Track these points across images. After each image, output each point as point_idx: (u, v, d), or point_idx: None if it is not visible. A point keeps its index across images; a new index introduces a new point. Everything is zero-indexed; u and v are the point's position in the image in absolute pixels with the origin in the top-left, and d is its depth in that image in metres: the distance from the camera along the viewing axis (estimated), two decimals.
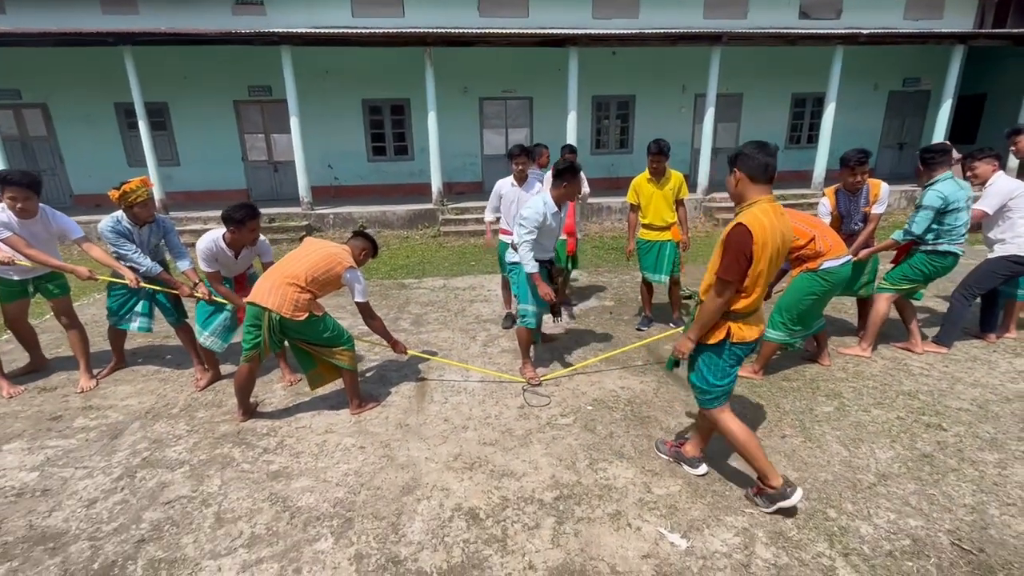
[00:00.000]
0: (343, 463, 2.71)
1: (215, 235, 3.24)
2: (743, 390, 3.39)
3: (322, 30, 9.41)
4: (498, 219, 4.54)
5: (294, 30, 9.18)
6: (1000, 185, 3.67)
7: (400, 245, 8.73)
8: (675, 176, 4.30)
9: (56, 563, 2.08)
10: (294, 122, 9.40)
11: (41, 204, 3.37)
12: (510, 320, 4.70)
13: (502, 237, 4.47)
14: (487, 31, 9.62)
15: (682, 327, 4.62)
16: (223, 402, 3.40)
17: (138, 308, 3.65)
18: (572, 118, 9.85)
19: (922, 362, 3.75)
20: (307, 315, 2.94)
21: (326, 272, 2.97)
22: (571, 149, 5.14)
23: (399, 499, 2.43)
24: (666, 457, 2.68)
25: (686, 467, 2.58)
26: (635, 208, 4.42)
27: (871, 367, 3.69)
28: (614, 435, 2.92)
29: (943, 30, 10.97)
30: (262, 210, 3.59)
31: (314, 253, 3.02)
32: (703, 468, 2.56)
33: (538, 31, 9.83)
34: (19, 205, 3.20)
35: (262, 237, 3.44)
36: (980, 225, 3.84)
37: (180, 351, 4.06)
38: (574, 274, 4.78)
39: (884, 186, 3.78)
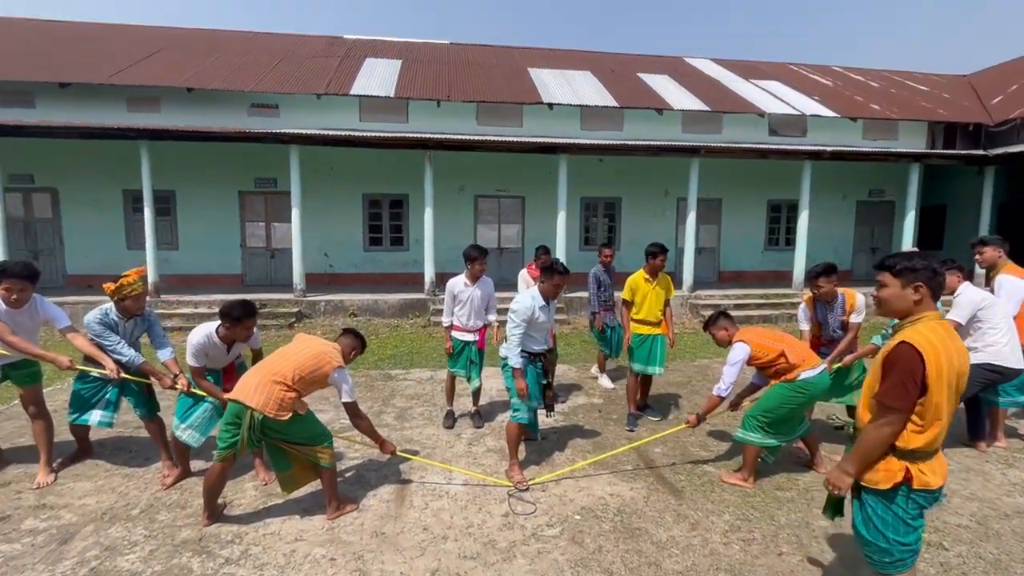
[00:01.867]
0: None
1: (208, 329, 3.23)
2: (736, 498, 3.26)
3: (330, 132, 10.13)
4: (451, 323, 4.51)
5: (304, 131, 9.87)
6: (969, 296, 3.81)
7: (389, 334, 8.72)
8: (665, 278, 4.62)
9: None
10: (295, 213, 9.79)
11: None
12: (450, 419, 4.58)
13: (455, 335, 4.48)
14: (483, 138, 10.42)
15: (651, 417, 4.69)
16: (188, 503, 3.19)
17: (107, 397, 3.53)
18: (562, 217, 10.37)
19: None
20: (291, 415, 2.88)
21: (313, 371, 2.95)
22: (545, 250, 5.48)
23: None
24: None
25: None
26: (628, 304, 4.61)
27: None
28: (603, 549, 2.75)
29: (898, 150, 12.06)
30: (255, 296, 3.64)
31: (303, 351, 3.01)
32: None
33: (531, 139, 10.67)
34: (14, 296, 3.23)
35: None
36: None
37: (148, 444, 3.87)
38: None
39: (860, 297, 3.95)
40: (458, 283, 4.45)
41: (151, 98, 11.36)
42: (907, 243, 11.36)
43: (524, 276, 5.49)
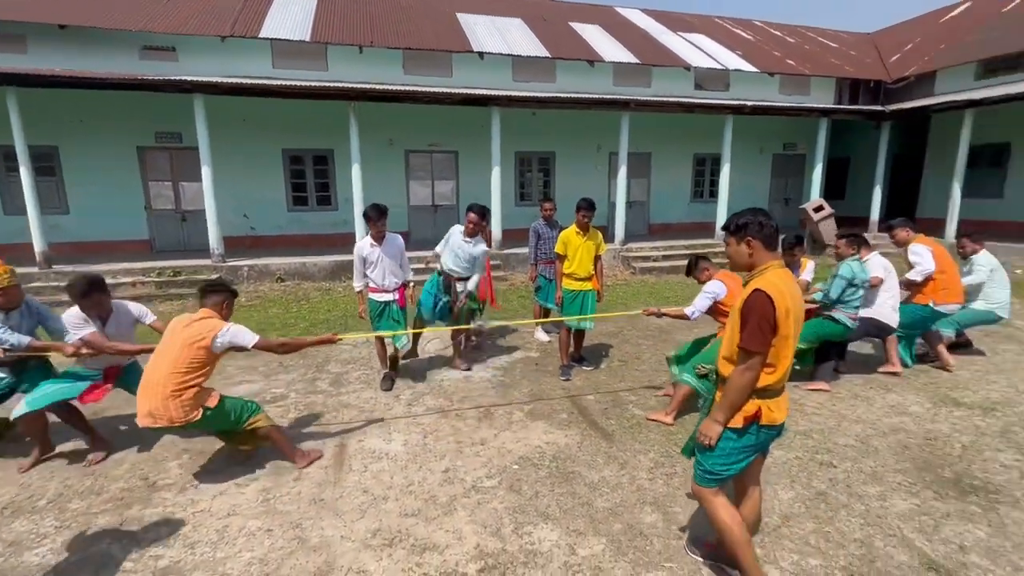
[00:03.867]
0: (246, 551, 2.46)
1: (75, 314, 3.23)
2: (661, 437, 3.52)
3: (240, 80, 9.22)
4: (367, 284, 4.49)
5: (209, 79, 8.91)
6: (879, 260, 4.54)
7: (321, 298, 8.40)
8: (597, 234, 4.72)
9: None
10: (205, 171, 8.95)
11: None
12: (388, 381, 4.57)
13: (372, 296, 4.47)
14: (411, 89, 9.91)
15: (585, 367, 4.95)
16: (104, 488, 3.00)
17: None
18: (496, 172, 10.22)
19: (814, 402, 4.12)
20: (202, 411, 2.88)
21: (194, 359, 2.86)
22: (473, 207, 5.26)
23: None
24: (701, 559, 2.34)
25: (728, 569, 2.25)
26: (561, 258, 4.68)
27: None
28: (539, 495, 2.90)
29: (810, 105, 12.79)
30: (167, 263, 3.45)
31: (172, 348, 2.87)
32: None
33: (461, 91, 10.27)
34: None
35: (123, 302, 3.47)
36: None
37: (53, 429, 3.55)
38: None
39: (810, 262, 4.73)
40: (364, 245, 4.40)
41: (15, 36, 9.74)
42: (815, 193, 12.26)
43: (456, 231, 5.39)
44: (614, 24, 14.86)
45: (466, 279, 4.84)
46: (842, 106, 13.54)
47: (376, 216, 4.29)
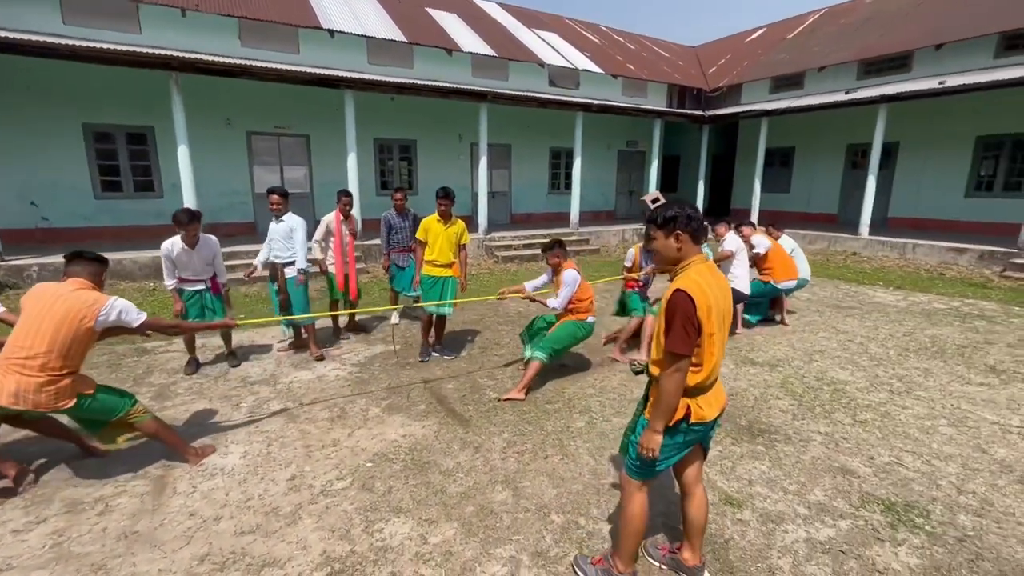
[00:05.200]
0: None
1: None
2: (514, 417, 3.69)
3: (18, 35, 7.43)
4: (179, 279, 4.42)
5: None
6: (733, 239, 5.69)
7: (143, 300, 7.23)
8: (459, 223, 4.82)
9: None
10: None
11: None
12: (192, 366, 4.60)
13: (184, 288, 4.43)
14: (250, 63, 8.90)
15: (446, 356, 5.05)
16: None
17: None
18: (352, 159, 9.71)
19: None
20: (76, 400, 2.66)
21: (75, 339, 2.62)
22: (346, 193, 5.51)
23: None
24: (659, 564, 2.32)
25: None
26: (422, 244, 4.76)
27: (612, 381, 4.42)
28: (393, 490, 2.85)
29: (647, 106, 14.27)
30: None
31: (47, 323, 2.57)
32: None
33: (309, 70, 9.51)
34: None
35: None
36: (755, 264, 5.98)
37: None
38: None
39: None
40: (173, 246, 4.23)
41: None
42: (653, 186, 13.77)
43: (328, 220, 5.41)
44: (471, 15, 14.94)
45: (291, 263, 4.82)
46: (672, 109, 15.33)
47: (187, 220, 4.14)
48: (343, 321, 5.88)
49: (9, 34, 7.51)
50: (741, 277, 5.55)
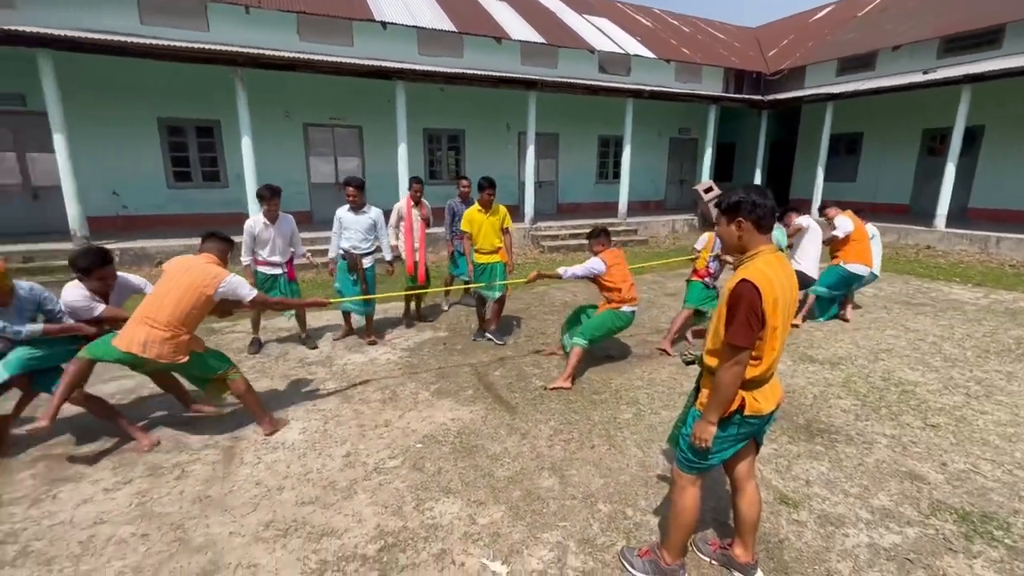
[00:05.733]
0: (116, 560, 2.25)
1: (80, 287, 3.16)
2: (561, 406, 3.70)
3: (97, 36, 8.02)
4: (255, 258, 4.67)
5: (57, 31, 7.67)
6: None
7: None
8: (501, 209, 4.98)
9: None
10: (59, 140, 7.77)
11: None
12: (256, 346, 4.90)
13: (261, 269, 4.67)
14: (309, 57, 9.22)
15: (496, 340, 5.12)
16: None
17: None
18: (403, 149, 9.90)
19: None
20: (189, 356, 3.00)
21: (196, 303, 2.97)
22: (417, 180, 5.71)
23: None
24: (708, 559, 2.28)
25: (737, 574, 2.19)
26: (468, 236, 4.96)
27: (661, 373, 4.34)
28: (442, 471, 2.93)
29: (701, 92, 13.74)
30: (16, 247, 3.16)
31: (178, 287, 2.96)
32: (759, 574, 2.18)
33: (364, 62, 9.75)
34: None
35: (124, 275, 3.41)
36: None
37: None
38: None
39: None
40: (256, 223, 4.55)
41: None
42: (706, 175, 13.29)
43: (400, 207, 5.59)
44: (521, 2, 14.82)
45: (370, 253, 4.99)
46: (729, 94, 14.69)
47: (269, 195, 4.47)
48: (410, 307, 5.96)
49: (91, 35, 8.11)
50: (810, 259, 5.36)
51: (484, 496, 2.70)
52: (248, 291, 3.15)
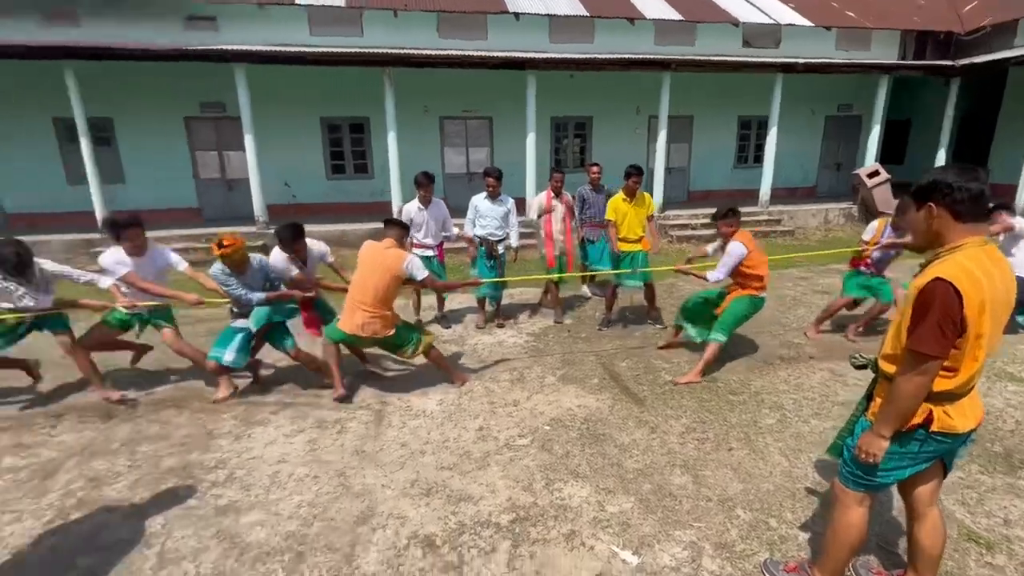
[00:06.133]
0: (296, 494, 2.65)
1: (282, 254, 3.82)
2: (694, 403, 3.52)
3: (278, 49, 9.32)
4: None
5: (248, 47, 9.05)
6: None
7: None
8: (645, 196, 4.98)
9: None
10: (248, 140, 9.21)
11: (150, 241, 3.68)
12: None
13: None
14: (446, 53, 9.76)
15: (657, 325, 5.07)
16: (168, 435, 3.26)
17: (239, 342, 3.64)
18: (531, 139, 10.07)
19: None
20: (394, 330, 3.58)
21: (390, 284, 3.51)
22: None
23: (353, 529, 2.39)
24: None
25: None
26: (613, 224, 4.93)
27: (811, 379, 3.91)
28: (570, 454, 2.97)
29: (871, 61, 11.88)
30: (216, 229, 3.77)
31: (374, 272, 3.50)
32: None
33: (497, 54, 10.05)
34: (135, 245, 3.52)
35: (311, 245, 3.99)
36: None
37: (129, 381, 3.88)
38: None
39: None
40: (412, 208, 4.95)
41: (67, 9, 10.10)
42: (871, 158, 11.54)
43: (540, 198, 5.65)
44: None
45: (504, 239, 5.19)
46: (907, 62, 12.51)
47: (425, 182, 4.87)
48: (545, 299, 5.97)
49: (275, 47, 9.43)
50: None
51: (613, 485, 2.68)
52: (422, 272, 3.60)
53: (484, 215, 5.10)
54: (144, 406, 3.65)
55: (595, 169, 5.72)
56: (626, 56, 10.53)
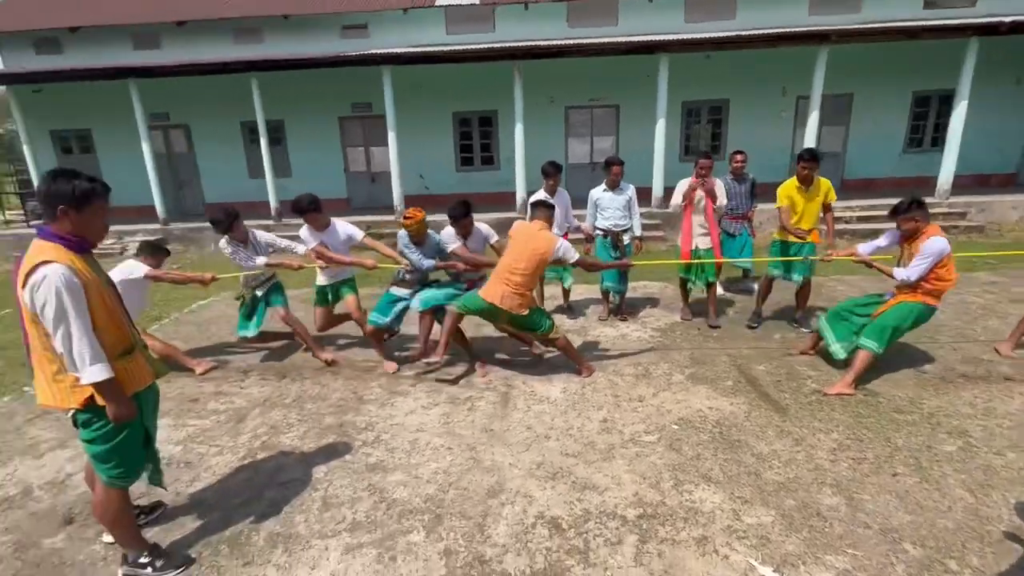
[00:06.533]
0: (432, 461, 2.88)
1: (451, 230, 4.18)
2: (848, 418, 3.14)
3: (418, 49, 10.01)
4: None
5: (393, 50, 9.85)
6: None
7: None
8: (824, 183, 4.45)
9: (195, 527, 2.43)
10: (391, 136, 10.07)
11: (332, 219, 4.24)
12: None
13: None
14: (575, 42, 9.70)
15: (803, 329, 4.67)
16: (327, 396, 3.74)
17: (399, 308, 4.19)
18: (660, 125, 9.64)
19: (969, 393, 3.26)
20: (528, 311, 3.69)
21: (539, 265, 3.69)
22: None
23: (485, 501, 2.54)
24: None
25: None
26: (785, 211, 4.54)
27: (1007, 404, 3.26)
28: (701, 457, 2.83)
29: None
30: (360, 218, 4.18)
31: (525, 250, 3.66)
32: None
33: (627, 39, 9.75)
34: (320, 222, 4.12)
35: (479, 226, 4.24)
36: None
37: (282, 353, 4.52)
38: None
39: None
40: (538, 198, 4.89)
41: (253, 29, 11.86)
42: None
43: (684, 184, 5.06)
44: None
45: (628, 229, 5.05)
46: None
47: (553, 171, 4.92)
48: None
49: (414, 49, 10.13)
50: None
51: (750, 495, 2.50)
52: (574, 254, 3.74)
53: (605, 207, 4.99)
54: (308, 369, 4.22)
55: (739, 158, 5.37)
56: (774, 31, 9.54)
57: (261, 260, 4.19)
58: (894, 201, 3.50)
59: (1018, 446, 2.82)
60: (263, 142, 10.30)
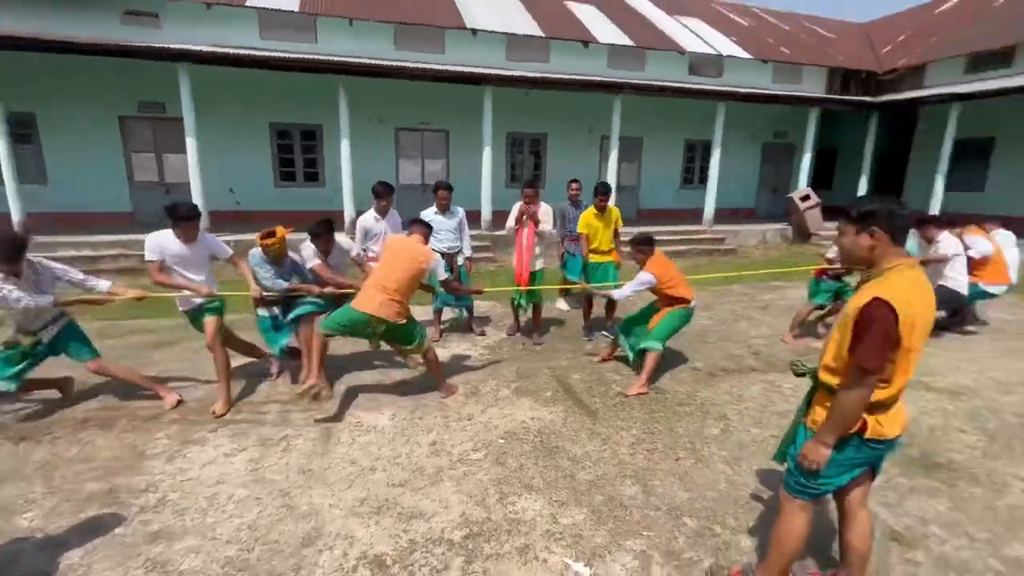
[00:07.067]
0: (236, 517, 2.50)
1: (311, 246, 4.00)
2: (643, 415, 3.62)
3: (226, 50, 8.98)
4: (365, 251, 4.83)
5: (192, 47, 8.67)
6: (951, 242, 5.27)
7: None
8: (614, 211, 5.27)
9: None
10: (190, 142, 8.78)
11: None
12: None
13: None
14: (402, 65, 9.73)
15: (610, 336, 5.12)
16: (91, 457, 3.01)
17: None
18: (487, 153, 10.16)
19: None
20: (406, 320, 3.60)
21: (414, 276, 3.61)
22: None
23: (298, 552, 2.29)
24: None
25: None
26: (586, 236, 5.21)
27: (751, 390, 4.12)
28: (524, 467, 2.98)
29: (801, 93, 12.84)
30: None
31: (399, 262, 3.59)
32: None
33: (453, 68, 10.12)
34: (189, 232, 3.58)
35: (339, 240, 4.14)
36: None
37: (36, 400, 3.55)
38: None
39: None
40: (368, 218, 4.89)
41: None
42: (803, 183, 12.40)
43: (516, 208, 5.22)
44: (610, 4, 14.67)
45: (459, 251, 5.20)
46: (833, 96, 13.62)
47: (384, 192, 4.82)
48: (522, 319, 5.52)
49: (224, 49, 9.07)
50: (958, 279, 5.24)
51: (566, 497, 2.70)
52: (443, 273, 3.80)
53: (439, 230, 5.01)
54: (60, 426, 3.35)
55: (575, 186, 5.90)
56: (580, 77, 10.88)
57: (46, 299, 3.25)
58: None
59: (760, 423, 3.56)
60: (2, 140, 8.08)
